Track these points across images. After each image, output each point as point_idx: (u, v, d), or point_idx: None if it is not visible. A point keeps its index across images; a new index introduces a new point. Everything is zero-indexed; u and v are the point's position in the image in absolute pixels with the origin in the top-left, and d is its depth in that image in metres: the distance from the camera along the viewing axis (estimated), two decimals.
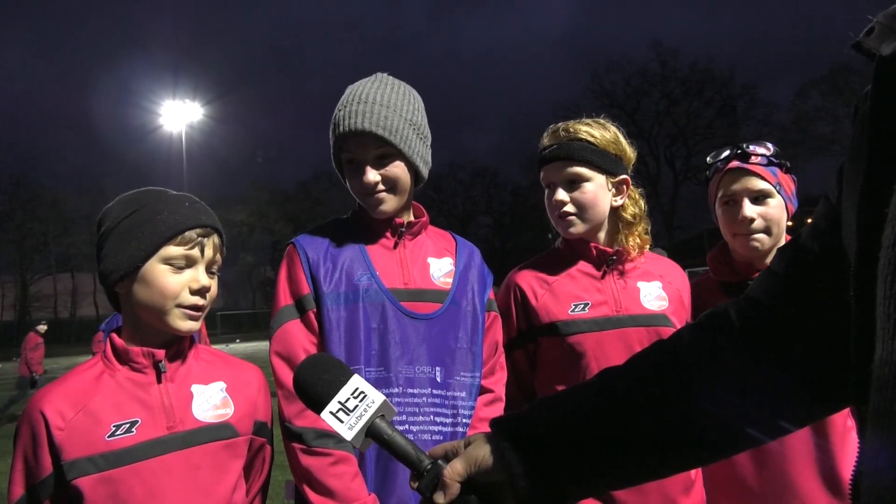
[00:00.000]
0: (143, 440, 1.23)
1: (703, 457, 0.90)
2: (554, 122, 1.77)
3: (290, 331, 1.49)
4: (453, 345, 1.56)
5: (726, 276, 1.75)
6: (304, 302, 1.51)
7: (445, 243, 1.71)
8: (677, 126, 51.05)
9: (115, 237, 1.29)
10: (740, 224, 1.67)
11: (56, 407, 1.21)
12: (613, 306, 1.65)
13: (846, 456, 1.57)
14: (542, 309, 1.67)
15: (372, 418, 0.86)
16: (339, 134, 1.50)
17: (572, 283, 1.69)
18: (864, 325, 0.58)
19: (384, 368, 1.48)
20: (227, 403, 1.35)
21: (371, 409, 0.86)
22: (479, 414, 1.57)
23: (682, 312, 1.73)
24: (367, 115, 1.47)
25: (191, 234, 1.30)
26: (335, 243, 1.58)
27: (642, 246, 1.74)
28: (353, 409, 0.86)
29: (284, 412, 1.44)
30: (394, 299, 1.53)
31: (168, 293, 1.28)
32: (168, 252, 1.28)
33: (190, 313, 1.30)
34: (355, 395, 0.87)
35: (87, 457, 1.19)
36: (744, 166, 1.68)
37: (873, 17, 0.63)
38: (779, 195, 1.68)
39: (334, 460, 1.39)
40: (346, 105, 1.52)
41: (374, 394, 0.88)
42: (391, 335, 1.50)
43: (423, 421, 1.49)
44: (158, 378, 1.29)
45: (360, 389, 0.88)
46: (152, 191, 1.38)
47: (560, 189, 1.68)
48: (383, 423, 0.86)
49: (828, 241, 0.75)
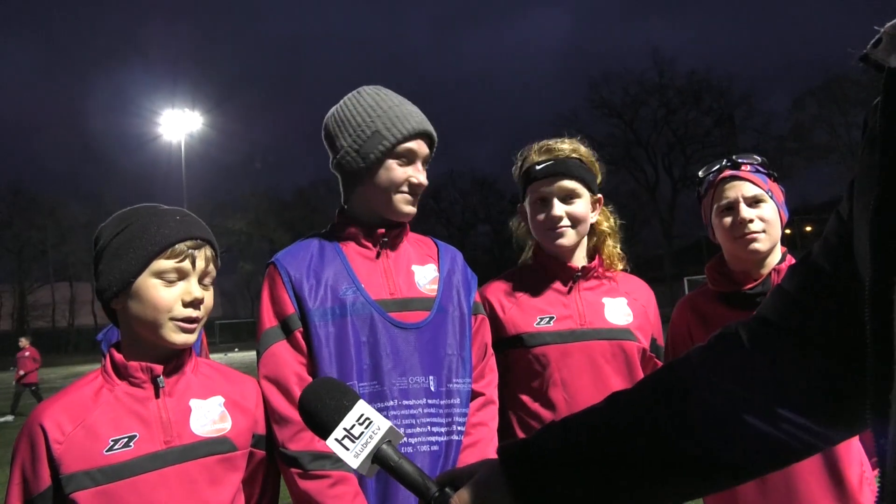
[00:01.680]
0: (140, 454, 1.23)
1: (706, 485, 0.88)
2: (553, 131, 1.86)
3: (277, 353, 1.47)
4: (443, 352, 1.55)
5: (723, 286, 1.79)
6: (289, 322, 1.49)
7: (427, 249, 1.71)
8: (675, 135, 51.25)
9: (109, 255, 1.31)
10: (739, 227, 1.71)
11: (55, 420, 1.22)
12: (578, 320, 1.72)
13: (850, 455, 1.58)
14: (508, 322, 1.74)
15: (378, 445, 0.85)
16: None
17: (539, 298, 1.76)
18: (880, 351, 0.56)
19: (377, 382, 1.46)
20: (224, 418, 1.35)
21: (377, 435, 0.85)
22: (472, 419, 1.57)
23: (647, 327, 1.80)
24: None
25: (181, 246, 1.31)
26: (316, 258, 1.56)
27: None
28: (358, 435, 0.85)
29: (277, 437, 1.41)
30: (381, 311, 1.51)
31: (161, 307, 1.28)
32: (159, 266, 1.29)
33: (184, 326, 1.30)
34: (360, 421, 0.86)
35: (85, 471, 1.19)
36: (736, 173, 1.75)
37: (880, 28, 0.61)
38: (771, 200, 1.74)
39: (333, 482, 1.38)
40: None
41: (380, 420, 0.87)
42: (382, 347, 1.48)
43: (420, 432, 1.48)
44: (157, 393, 1.30)
45: (366, 416, 0.87)
46: (144, 207, 1.39)
47: (558, 202, 1.73)
48: (390, 450, 0.85)
49: (840, 258, 0.73)
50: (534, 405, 1.68)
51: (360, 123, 1.54)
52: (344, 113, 1.58)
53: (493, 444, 1.58)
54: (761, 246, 1.70)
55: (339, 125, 1.58)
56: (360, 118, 1.55)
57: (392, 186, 1.54)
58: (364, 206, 1.61)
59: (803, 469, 1.56)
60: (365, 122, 1.54)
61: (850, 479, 1.58)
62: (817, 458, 1.57)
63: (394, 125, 1.52)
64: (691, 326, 1.82)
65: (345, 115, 1.58)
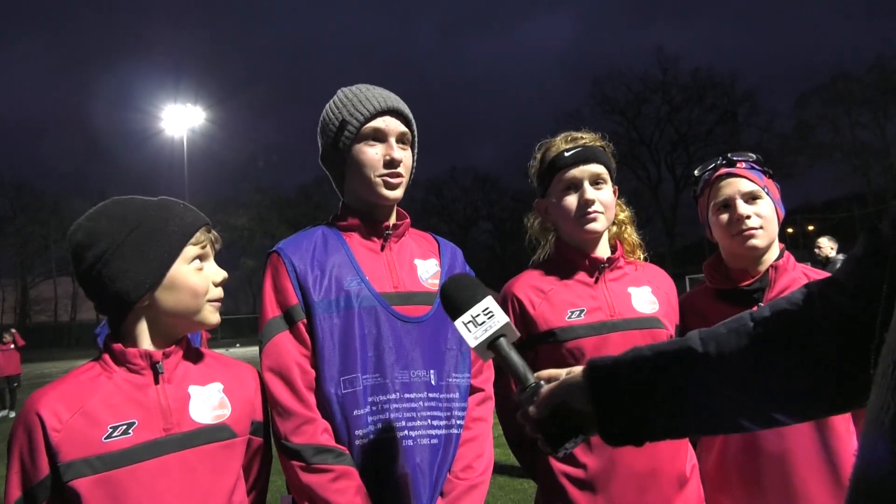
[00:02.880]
0: (139, 442, 1.23)
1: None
2: (555, 129, 1.84)
3: (280, 344, 1.46)
4: (444, 346, 1.55)
5: (721, 284, 1.79)
6: (292, 313, 1.47)
7: (428, 245, 1.71)
8: (678, 133, 51.16)
9: (128, 254, 1.27)
10: (736, 223, 1.71)
11: (52, 408, 1.21)
12: (608, 311, 1.71)
13: (850, 451, 1.58)
14: (539, 318, 1.71)
15: (495, 335, 1.01)
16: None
17: (567, 291, 1.74)
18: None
19: (380, 375, 1.46)
20: (224, 404, 1.35)
21: (494, 327, 1.02)
22: (472, 413, 1.57)
23: (672, 315, 1.80)
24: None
25: (201, 232, 1.35)
26: (320, 248, 1.55)
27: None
28: (480, 323, 1.03)
29: (280, 429, 1.40)
30: (385, 304, 1.51)
31: (199, 291, 1.33)
32: (189, 252, 1.33)
33: (217, 305, 1.38)
34: (485, 312, 1.04)
35: (84, 458, 1.18)
36: (731, 170, 1.75)
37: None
38: (767, 197, 1.74)
39: (335, 476, 1.37)
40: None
41: (500, 316, 1.03)
42: (385, 341, 1.48)
43: (421, 425, 1.48)
44: (156, 379, 1.29)
45: (490, 309, 1.04)
46: (138, 201, 1.36)
47: (589, 187, 1.73)
48: (504, 342, 1.02)
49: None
50: None
51: (330, 119, 1.59)
52: (322, 116, 1.64)
53: (490, 439, 1.59)
54: (759, 242, 1.70)
55: (320, 129, 1.64)
56: (330, 115, 1.60)
57: (369, 169, 1.54)
58: (355, 197, 1.62)
59: (801, 467, 1.57)
60: (334, 115, 1.58)
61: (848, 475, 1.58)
62: (820, 456, 1.57)
63: (356, 109, 1.56)
64: (690, 325, 1.81)
65: (322, 117, 1.63)
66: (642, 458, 1.57)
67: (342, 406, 1.43)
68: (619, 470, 1.59)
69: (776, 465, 1.59)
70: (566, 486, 1.62)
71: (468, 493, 1.48)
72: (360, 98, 1.57)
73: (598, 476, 1.60)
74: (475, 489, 1.50)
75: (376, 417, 1.44)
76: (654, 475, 1.60)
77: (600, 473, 1.60)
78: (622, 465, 1.59)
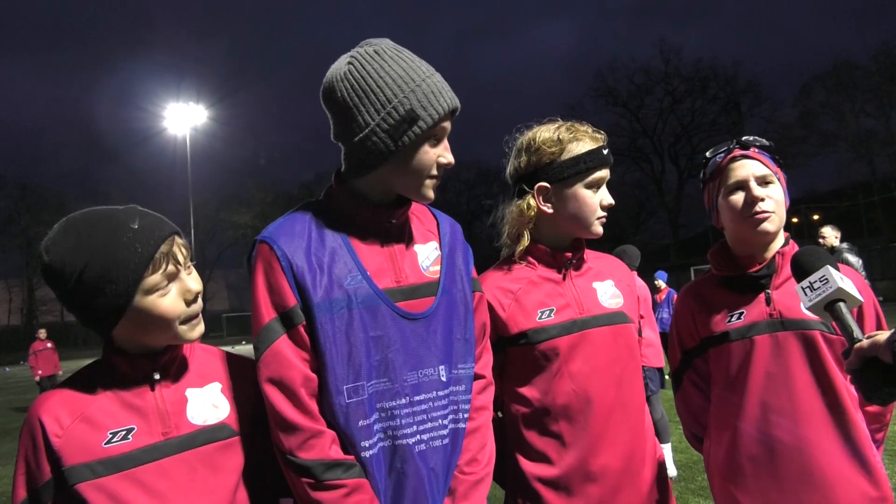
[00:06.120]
0: (139, 447, 1.24)
1: None
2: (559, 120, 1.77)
3: (281, 352, 1.33)
4: (451, 338, 1.47)
5: (728, 271, 1.77)
6: (291, 315, 1.34)
7: (427, 223, 1.58)
8: (681, 124, 50.92)
9: (86, 294, 1.22)
10: (749, 206, 1.67)
11: (53, 414, 1.24)
12: (577, 309, 1.69)
13: (866, 433, 1.60)
14: (510, 320, 1.68)
15: (827, 299, 1.19)
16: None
17: (536, 290, 1.71)
18: None
19: (388, 379, 1.37)
20: (222, 404, 1.35)
21: (826, 292, 1.19)
22: (475, 402, 1.50)
23: (634, 307, 1.79)
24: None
25: (158, 255, 1.24)
26: (316, 241, 1.40)
27: None
28: (816, 289, 1.21)
29: (284, 444, 1.31)
30: (389, 301, 1.39)
31: (169, 317, 1.26)
32: (148, 284, 1.23)
33: (195, 322, 1.32)
34: (821, 280, 1.21)
35: (85, 463, 1.21)
36: (746, 153, 1.72)
37: None
38: (778, 183, 1.71)
39: (348, 491, 1.30)
40: None
41: (835, 282, 1.19)
42: (391, 342, 1.38)
43: (432, 427, 1.41)
44: (152, 386, 1.30)
45: (826, 277, 1.21)
46: (92, 230, 1.24)
47: (605, 189, 1.73)
48: (843, 307, 1.18)
49: None
50: (538, 399, 1.63)
51: (389, 98, 1.33)
52: (366, 81, 1.35)
53: (491, 427, 1.55)
54: (771, 226, 1.67)
55: (362, 96, 1.35)
56: (389, 91, 1.34)
57: (424, 170, 1.41)
58: (379, 187, 1.45)
59: (819, 454, 1.56)
60: (396, 96, 1.33)
61: (871, 459, 1.58)
62: (835, 440, 1.57)
63: (430, 104, 1.35)
64: (694, 313, 1.80)
65: (367, 83, 1.35)
66: (616, 456, 1.59)
67: (347, 416, 1.33)
68: (593, 470, 1.58)
69: (794, 454, 1.58)
70: (539, 489, 1.61)
71: (474, 489, 1.45)
72: (433, 88, 1.36)
73: (571, 476, 1.59)
74: (481, 483, 1.46)
75: (385, 425, 1.37)
76: (627, 473, 1.61)
77: (573, 473, 1.59)
78: (595, 466, 1.58)
